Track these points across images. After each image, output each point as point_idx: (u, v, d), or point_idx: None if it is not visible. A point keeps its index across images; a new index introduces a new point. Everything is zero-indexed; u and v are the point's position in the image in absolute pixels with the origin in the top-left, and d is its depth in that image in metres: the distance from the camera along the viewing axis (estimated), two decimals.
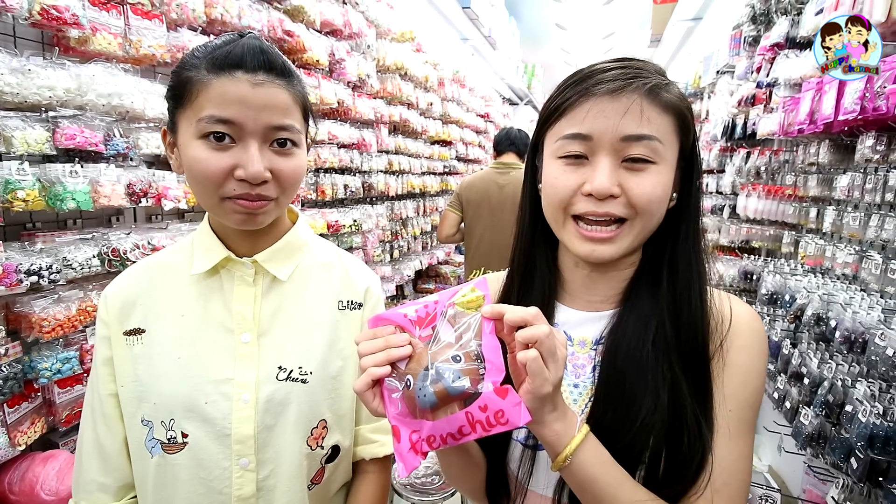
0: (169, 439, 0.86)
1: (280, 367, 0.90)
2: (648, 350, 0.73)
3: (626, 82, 0.70)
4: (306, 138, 0.92)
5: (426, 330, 0.67)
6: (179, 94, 0.83)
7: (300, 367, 0.91)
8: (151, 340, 0.89)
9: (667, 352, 0.73)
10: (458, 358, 0.61)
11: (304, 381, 0.90)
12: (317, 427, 0.92)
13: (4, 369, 1.40)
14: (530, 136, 0.89)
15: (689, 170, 0.77)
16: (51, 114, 1.50)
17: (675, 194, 0.76)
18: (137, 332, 0.90)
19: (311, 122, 0.95)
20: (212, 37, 2.00)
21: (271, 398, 0.88)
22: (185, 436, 0.86)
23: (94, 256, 1.60)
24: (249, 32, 0.85)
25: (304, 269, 0.97)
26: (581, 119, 0.71)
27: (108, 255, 1.62)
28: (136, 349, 0.89)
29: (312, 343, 0.93)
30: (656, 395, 0.70)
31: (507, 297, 0.87)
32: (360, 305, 1.00)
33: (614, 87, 0.69)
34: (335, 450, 0.95)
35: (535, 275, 0.84)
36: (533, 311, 0.61)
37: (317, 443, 0.92)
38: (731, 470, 0.70)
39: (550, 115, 0.76)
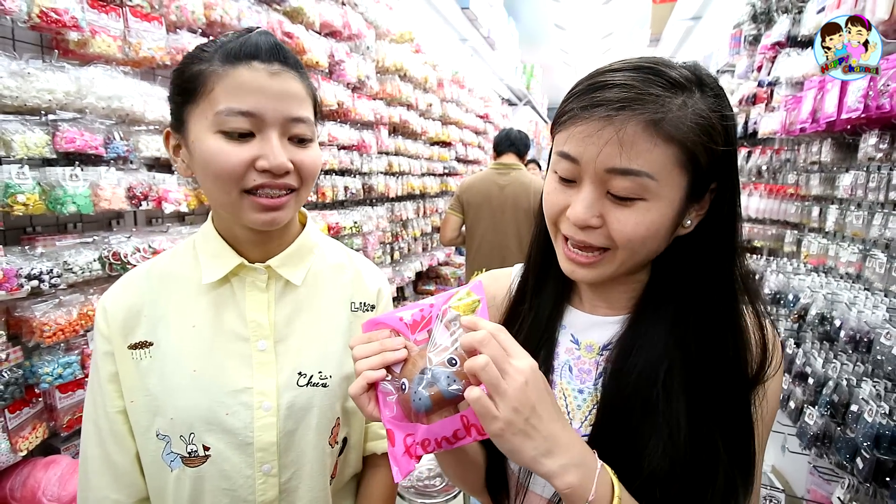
0: (190, 453, 0.85)
1: (300, 373, 0.89)
2: (658, 367, 0.70)
3: (618, 111, 0.62)
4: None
5: (422, 334, 0.67)
6: (190, 89, 0.80)
7: (320, 372, 0.90)
8: (162, 354, 0.86)
9: (683, 372, 0.70)
10: (453, 361, 0.61)
11: (325, 386, 0.90)
12: (336, 426, 0.93)
13: (5, 374, 1.39)
14: (530, 138, 0.88)
15: (723, 193, 0.69)
16: (50, 117, 1.49)
17: (688, 221, 0.70)
18: (144, 345, 0.87)
19: (319, 124, 0.94)
20: (211, 38, 1.99)
21: (293, 404, 0.88)
22: (206, 449, 0.85)
23: (94, 260, 1.59)
24: (258, 28, 0.84)
25: (317, 272, 0.96)
26: (569, 139, 0.67)
27: (109, 259, 1.61)
28: (145, 363, 0.86)
29: (330, 347, 0.93)
30: (664, 408, 0.68)
31: (521, 294, 0.86)
32: (373, 307, 1.00)
33: (607, 113, 0.63)
34: (344, 442, 0.97)
35: (549, 272, 0.83)
36: (479, 336, 0.58)
37: (335, 440, 0.94)
38: None
39: (555, 122, 0.72)
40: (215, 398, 0.85)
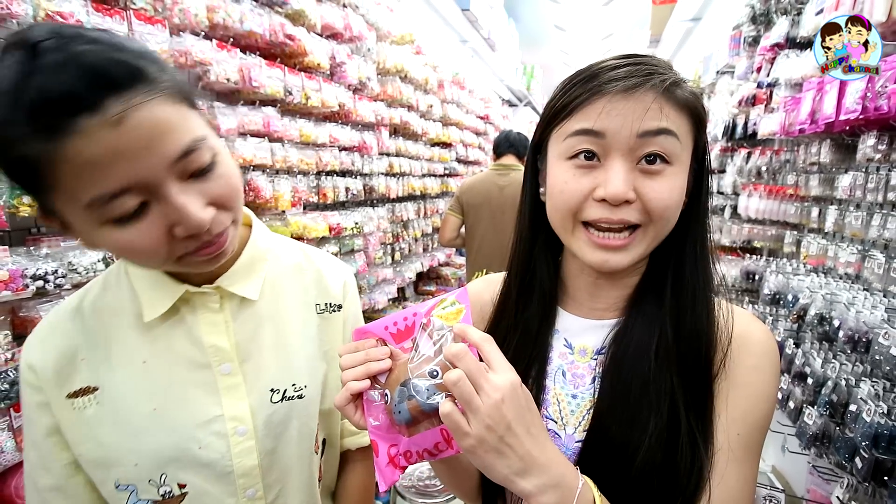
0: (164, 495, 0.78)
1: (272, 390, 0.84)
2: (652, 360, 0.70)
3: (642, 79, 0.64)
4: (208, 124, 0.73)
5: (409, 342, 0.67)
6: (29, 183, 0.61)
7: (293, 384, 0.86)
8: (110, 398, 0.77)
9: (668, 362, 0.69)
10: (434, 373, 0.60)
11: (301, 397, 0.86)
12: (317, 432, 0.91)
13: (11, 374, 1.40)
14: (530, 139, 0.86)
15: (699, 170, 0.73)
16: None
17: (685, 197, 0.72)
18: (87, 391, 0.77)
19: (200, 104, 0.75)
20: (213, 42, 2.00)
21: (270, 422, 0.83)
22: (182, 486, 0.78)
23: (98, 261, 1.60)
24: (39, 40, 0.56)
25: (273, 280, 0.88)
26: (594, 116, 0.65)
27: (114, 260, 1.63)
28: (90, 411, 0.76)
29: (300, 356, 0.88)
30: (659, 408, 0.68)
31: (504, 304, 0.83)
32: (340, 307, 0.95)
33: (629, 84, 0.64)
34: (324, 443, 0.95)
35: (534, 282, 0.80)
36: (454, 350, 0.57)
37: (318, 447, 0.92)
38: (735, 497, 0.67)
39: (557, 114, 0.70)
40: (183, 434, 0.78)
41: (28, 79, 0.55)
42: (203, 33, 1.98)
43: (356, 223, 3.20)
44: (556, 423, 0.76)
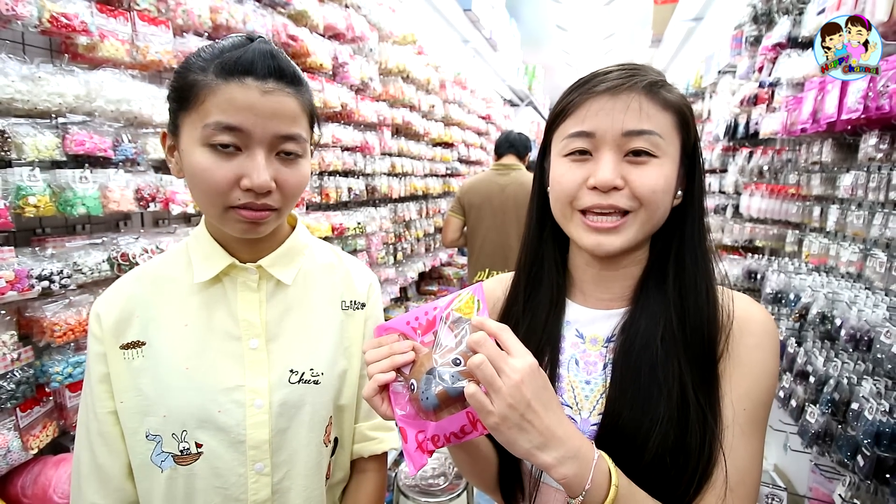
0: (182, 451, 0.86)
1: (291, 371, 0.91)
2: (658, 347, 0.74)
3: (624, 80, 0.73)
4: (310, 143, 0.93)
5: (429, 336, 0.71)
6: (184, 97, 0.81)
7: (311, 369, 0.92)
8: (154, 353, 0.88)
9: (674, 348, 0.74)
10: (457, 361, 0.65)
11: (316, 383, 0.92)
12: (329, 424, 0.95)
13: (17, 374, 1.41)
14: (531, 139, 0.92)
15: (692, 168, 0.79)
16: (60, 120, 1.52)
17: (680, 192, 0.78)
18: (136, 344, 0.89)
19: (316, 127, 0.95)
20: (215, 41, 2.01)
21: (285, 402, 0.89)
22: (199, 446, 0.86)
23: (103, 261, 1.61)
24: (259, 37, 0.84)
25: (307, 272, 0.98)
26: (583, 118, 0.74)
27: (118, 260, 1.63)
28: (136, 363, 0.88)
29: (321, 345, 0.95)
30: (669, 391, 0.72)
31: (514, 297, 0.89)
32: (363, 305, 1.02)
33: (613, 84, 0.73)
34: (336, 442, 0.99)
35: (542, 275, 0.86)
36: (475, 337, 0.62)
37: (329, 439, 0.95)
38: (745, 469, 0.71)
39: (556, 117, 0.79)
40: (208, 396, 0.86)
41: (237, 48, 0.81)
42: (206, 34, 1.99)
43: (359, 223, 3.21)
44: (571, 409, 0.80)
